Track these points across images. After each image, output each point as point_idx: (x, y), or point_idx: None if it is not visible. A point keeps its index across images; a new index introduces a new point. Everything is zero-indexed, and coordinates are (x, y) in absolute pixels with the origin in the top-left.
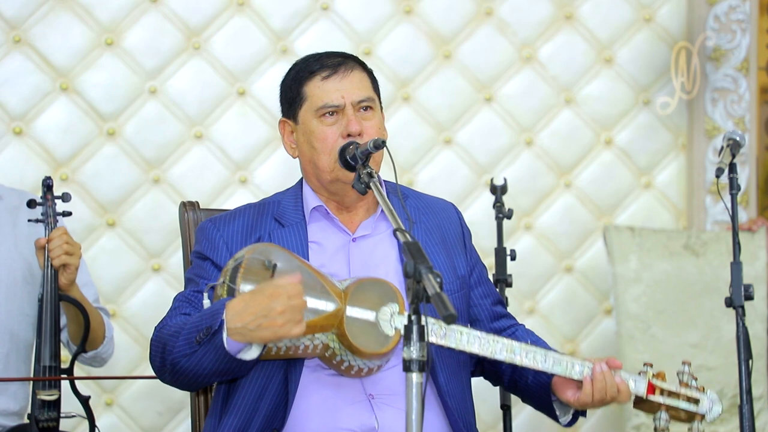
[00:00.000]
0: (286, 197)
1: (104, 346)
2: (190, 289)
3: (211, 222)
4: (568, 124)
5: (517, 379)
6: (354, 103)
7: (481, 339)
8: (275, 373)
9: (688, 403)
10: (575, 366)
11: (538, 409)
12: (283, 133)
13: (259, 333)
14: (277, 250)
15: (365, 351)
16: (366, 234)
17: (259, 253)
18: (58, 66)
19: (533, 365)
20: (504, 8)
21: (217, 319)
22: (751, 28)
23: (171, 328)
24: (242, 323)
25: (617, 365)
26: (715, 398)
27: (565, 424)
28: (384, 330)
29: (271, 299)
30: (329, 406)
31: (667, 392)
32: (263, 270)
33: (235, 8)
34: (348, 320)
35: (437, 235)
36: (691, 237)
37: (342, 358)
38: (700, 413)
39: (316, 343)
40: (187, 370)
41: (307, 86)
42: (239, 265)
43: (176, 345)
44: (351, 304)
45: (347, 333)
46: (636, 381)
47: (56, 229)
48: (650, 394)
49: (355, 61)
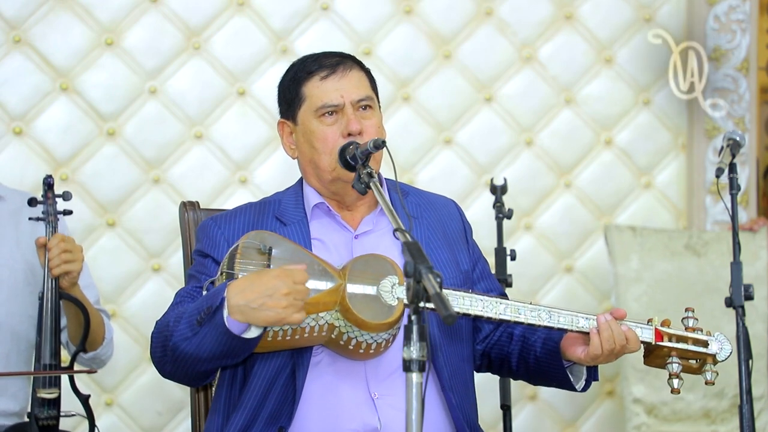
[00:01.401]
0: (286, 196)
1: (104, 348)
2: (192, 284)
3: (212, 220)
4: (568, 124)
5: (526, 357)
6: (353, 102)
7: (484, 302)
8: (283, 369)
9: (697, 346)
10: (580, 320)
11: (552, 384)
12: (281, 134)
13: (261, 313)
14: (271, 235)
15: (371, 323)
16: (368, 230)
17: (252, 238)
18: (58, 66)
19: (539, 322)
20: (504, 8)
21: (218, 298)
22: (751, 28)
23: (172, 316)
24: (245, 300)
25: (622, 314)
26: (723, 339)
27: (581, 389)
28: (387, 301)
29: (278, 279)
30: (332, 405)
31: (675, 337)
32: (259, 255)
33: (235, 8)
34: (350, 294)
35: (439, 231)
36: (692, 237)
37: (349, 336)
38: (710, 354)
39: (321, 323)
40: (188, 355)
41: (306, 87)
42: (235, 252)
43: (177, 329)
44: (351, 281)
45: (351, 307)
46: (643, 329)
47: (54, 237)
48: (659, 341)
49: (353, 60)
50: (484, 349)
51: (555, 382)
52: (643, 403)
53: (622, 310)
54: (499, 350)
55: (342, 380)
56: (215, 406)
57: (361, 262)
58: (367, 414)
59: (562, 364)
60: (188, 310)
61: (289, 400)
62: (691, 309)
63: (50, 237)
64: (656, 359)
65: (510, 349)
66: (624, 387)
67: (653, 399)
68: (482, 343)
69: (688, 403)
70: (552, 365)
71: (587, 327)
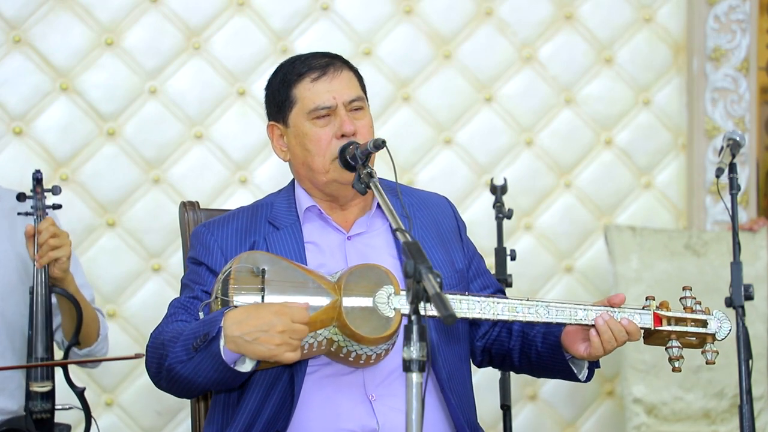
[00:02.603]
0: (278, 199)
1: (98, 344)
2: (186, 295)
3: (205, 227)
4: (568, 124)
5: (528, 352)
6: (345, 103)
7: (481, 303)
8: (281, 375)
9: (696, 326)
10: (578, 312)
11: (554, 376)
12: (272, 137)
13: (253, 346)
14: (263, 255)
15: (369, 337)
16: (361, 231)
17: (244, 261)
18: (58, 66)
19: (537, 318)
20: (504, 8)
21: (215, 326)
22: (751, 28)
23: (168, 333)
24: (240, 332)
25: (618, 301)
26: (722, 317)
27: (584, 379)
28: (384, 313)
29: (275, 316)
30: (330, 406)
31: (674, 320)
32: (252, 277)
33: (235, 8)
34: (346, 310)
35: (433, 230)
36: (692, 237)
37: (349, 349)
38: (710, 333)
39: (319, 339)
40: (183, 378)
41: (297, 89)
42: (228, 278)
43: (173, 351)
44: (346, 295)
45: (348, 323)
46: (642, 315)
47: (44, 221)
48: (657, 326)
49: (342, 61)
50: (484, 346)
51: (558, 375)
52: (643, 403)
53: (621, 295)
54: (500, 346)
55: (339, 383)
56: (213, 411)
57: (356, 274)
58: (365, 415)
59: (564, 358)
60: (185, 331)
61: (287, 405)
62: (688, 288)
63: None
64: (656, 340)
65: (511, 345)
66: (624, 387)
67: (653, 399)
68: (482, 339)
69: (688, 403)
70: (554, 359)
71: (585, 319)
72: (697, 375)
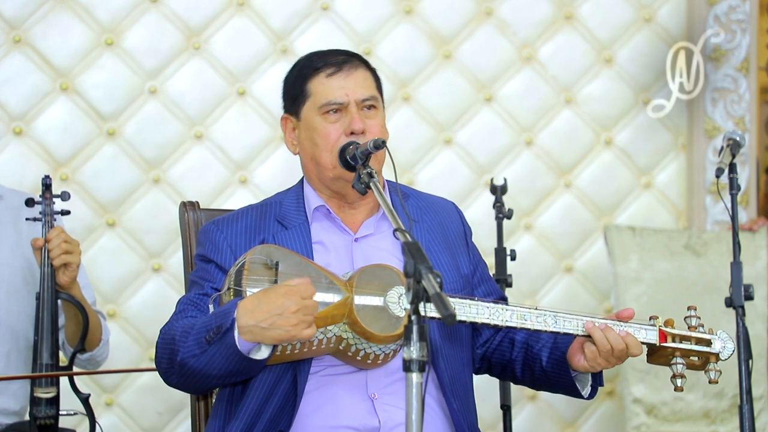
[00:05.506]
0: (287, 198)
1: (100, 349)
2: (195, 291)
3: (214, 224)
4: (568, 124)
5: (531, 365)
6: (358, 101)
7: (490, 309)
8: (284, 375)
9: (700, 345)
10: (586, 322)
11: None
12: (284, 129)
13: (271, 332)
14: (277, 249)
15: (380, 335)
16: (368, 234)
17: (259, 253)
18: (58, 66)
19: (545, 327)
20: (504, 8)
21: (228, 318)
22: (751, 28)
23: (179, 329)
24: (254, 321)
25: (627, 315)
26: (726, 337)
27: (587, 396)
28: (394, 312)
29: (286, 297)
30: (332, 405)
31: (678, 337)
32: (266, 269)
33: (235, 8)
34: (358, 307)
35: (439, 234)
36: (692, 237)
37: (357, 348)
38: (714, 353)
39: (329, 336)
40: (196, 371)
41: (311, 83)
42: (242, 268)
43: (185, 345)
44: (358, 293)
45: (359, 320)
46: (647, 330)
47: (53, 229)
48: (663, 342)
49: (360, 59)
50: (484, 353)
51: (561, 390)
52: (643, 403)
53: (629, 309)
54: (501, 356)
55: (341, 382)
56: (215, 410)
57: (368, 273)
58: (367, 414)
59: (570, 374)
60: (196, 325)
61: (290, 406)
62: (693, 307)
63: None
64: (660, 358)
65: (513, 356)
66: (624, 387)
67: (653, 399)
68: (482, 347)
69: (688, 403)
70: (559, 375)
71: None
72: (697, 375)
